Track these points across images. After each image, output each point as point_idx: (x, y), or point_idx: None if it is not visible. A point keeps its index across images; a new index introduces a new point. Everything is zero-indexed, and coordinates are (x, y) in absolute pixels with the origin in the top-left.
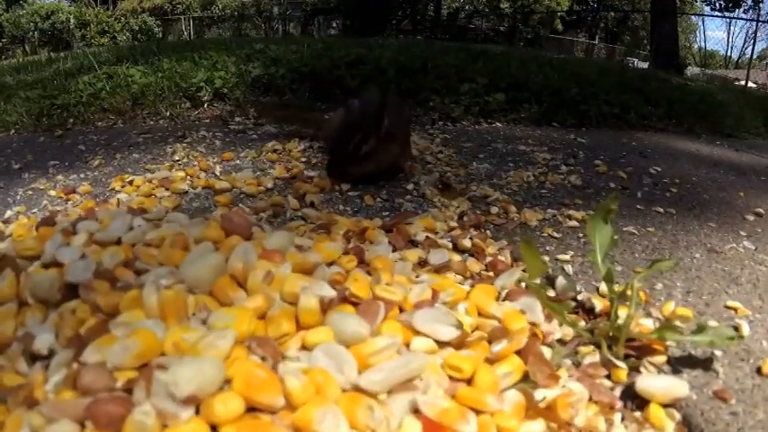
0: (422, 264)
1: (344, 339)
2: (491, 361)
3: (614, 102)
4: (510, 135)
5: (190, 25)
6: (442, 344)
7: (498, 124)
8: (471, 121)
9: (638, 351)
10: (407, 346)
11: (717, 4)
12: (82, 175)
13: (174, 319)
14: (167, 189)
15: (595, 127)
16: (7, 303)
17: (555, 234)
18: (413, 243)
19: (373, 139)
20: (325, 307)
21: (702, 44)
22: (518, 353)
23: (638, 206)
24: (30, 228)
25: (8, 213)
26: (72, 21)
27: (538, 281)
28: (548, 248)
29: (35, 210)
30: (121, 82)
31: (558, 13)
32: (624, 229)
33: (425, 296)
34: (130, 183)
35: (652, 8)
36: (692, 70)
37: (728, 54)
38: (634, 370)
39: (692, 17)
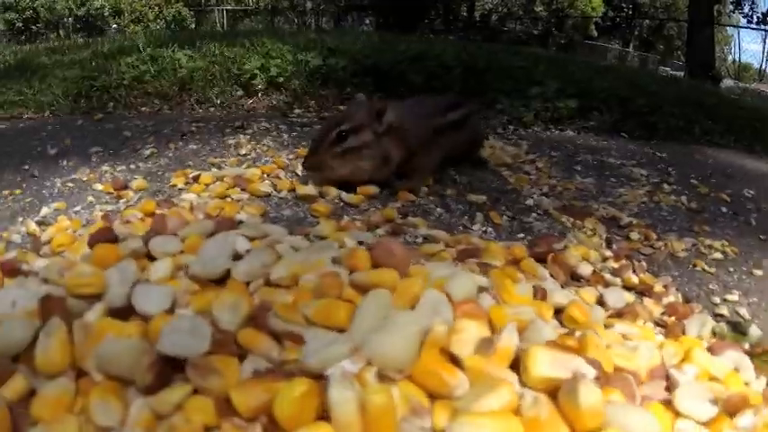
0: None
1: None
2: None
3: (680, 114)
4: (588, 145)
5: (223, 17)
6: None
7: (570, 132)
8: (541, 127)
9: None
10: None
11: (754, 17)
12: (132, 167)
13: None
14: (244, 190)
15: (663, 140)
16: (59, 378)
17: (707, 268)
18: (572, 277)
19: (368, 133)
20: None
21: (737, 56)
22: None
23: (761, 236)
24: (74, 235)
25: (44, 211)
26: (107, 8)
27: (725, 327)
28: (711, 287)
29: (78, 207)
30: (167, 65)
31: (594, 19)
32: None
33: (656, 361)
34: (196, 179)
35: (689, 17)
36: (726, 83)
37: (763, 67)
38: None
39: (728, 28)
